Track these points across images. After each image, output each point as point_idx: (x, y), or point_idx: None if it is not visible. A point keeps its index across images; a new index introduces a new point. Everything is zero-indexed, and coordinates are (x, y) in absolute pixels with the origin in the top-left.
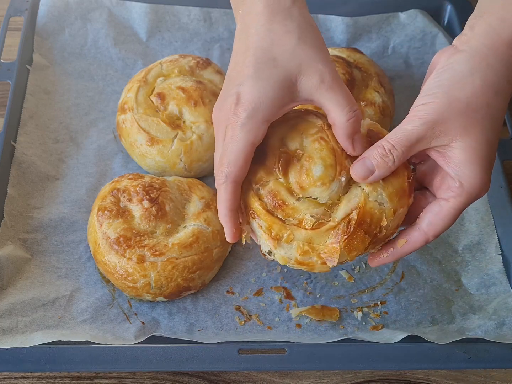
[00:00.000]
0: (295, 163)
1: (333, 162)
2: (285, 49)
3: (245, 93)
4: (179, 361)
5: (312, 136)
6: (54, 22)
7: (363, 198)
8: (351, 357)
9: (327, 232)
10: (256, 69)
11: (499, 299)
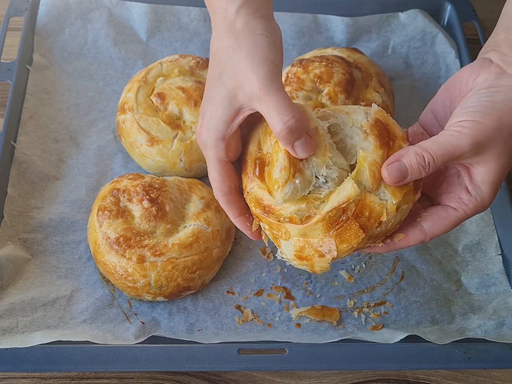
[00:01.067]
0: (266, 165)
1: (287, 164)
2: (226, 65)
3: (203, 114)
4: (179, 361)
5: (274, 137)
6: (54, 22)
7: (354, 191)
8: (351, 357)
9: (316, 225)
10: (208, 89)
11: (499, 299)
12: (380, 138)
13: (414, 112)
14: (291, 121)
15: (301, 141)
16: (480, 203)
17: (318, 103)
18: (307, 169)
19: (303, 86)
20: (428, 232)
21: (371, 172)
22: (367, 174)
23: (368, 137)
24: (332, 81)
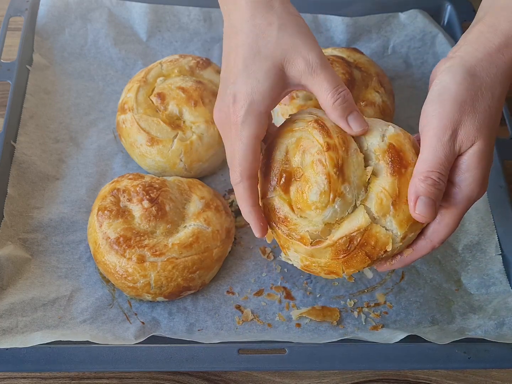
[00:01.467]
0: (295, 181)
1: (328, 189)
2: (268, 40)
3: (239, 91)
4: (179, 361)
5: (312, 156)
6: (54, 22)
7: (364, 221)
8: (351, 357)
9: (325, 249)
10: (244, 66)
11: (499, 299)
12: (392, 165)
13: (414, 112)
14: (344, 92)
15: (354, 115)
16: (468, 192)
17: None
18: (348, 193)
19: None
20: (433, 238)
21: (378, 199)
22: (374, 202)
23: (380, 162)
24: None
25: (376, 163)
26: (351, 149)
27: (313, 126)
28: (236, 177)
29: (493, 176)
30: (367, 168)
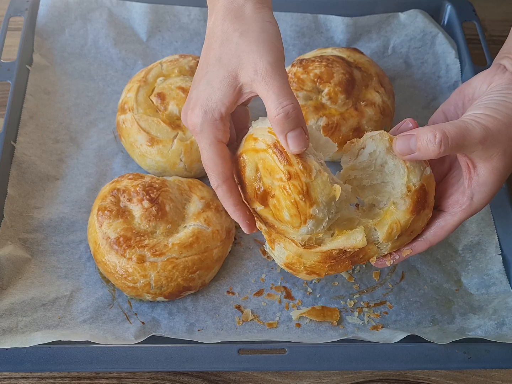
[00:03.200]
0: (271, 198)
1: (296, 213)
2: (229, 47)
3: (197, 97)
4: (179, 361)
5: (277, 181)
6: (54, 22)
7: (361, 243)
8: (351, 357)
9: (316, 253)
10: (206, 71)
11: (499, 299)
12: (416, 204)
13: (414, 112)
14: (289, 107)
15: (295, 133)
16: (477, 204)
17: (318, 103)
18: (319, 213)
19: (303, 86)
20: (432, 240)
21: (390, 229)
22: (384, 230)
23: (405, 198)
24: (332, 81)
25: (402, 197)
26: (314, 172)
27: (272, 151)
28: (213, 182)
29: None
30: (334, 186)
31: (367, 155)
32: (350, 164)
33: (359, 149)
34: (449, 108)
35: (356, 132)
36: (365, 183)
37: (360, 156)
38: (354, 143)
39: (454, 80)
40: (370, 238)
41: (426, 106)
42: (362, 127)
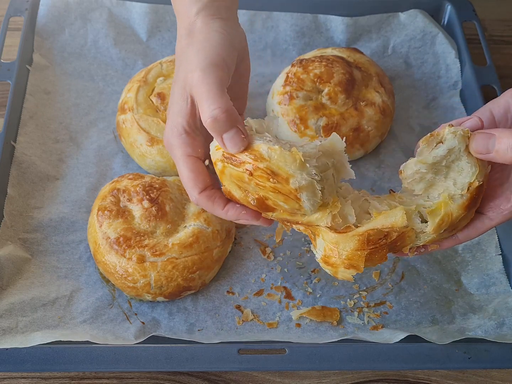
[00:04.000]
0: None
1: (285, 197)
2: (181, 61)
3: (168, 113)
4: (179, 361)
5: (251, 184)
6: (54, 22)
7: (401, 221)
8: (351, 357)
9: (353, 237)
10: (172, 87)
11: (499, 299)
12: (472, 201)
13: (414, 112)
14: (216, 111)
15: (229, 134)
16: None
17: (318, 103)
18: (301, 181)
19: (303, 86)
20: (461, 240)
21: (441, 220)
22: (435, 221)
23: (464, 192)
24: (332, 81)
25: (461, 191)
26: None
27: (226, 163)
28: (191, 196)
29: None
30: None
31: (445, 151)
32: (422, 157)
33: (437, 143)
34: (499, 110)
35: (356, 132)
36: (427, 179)
37: (437, 150)
38: (434, 136)
39: (454, 80)
40: (411, 222)
41: (426, 106)
42: (362, 127)
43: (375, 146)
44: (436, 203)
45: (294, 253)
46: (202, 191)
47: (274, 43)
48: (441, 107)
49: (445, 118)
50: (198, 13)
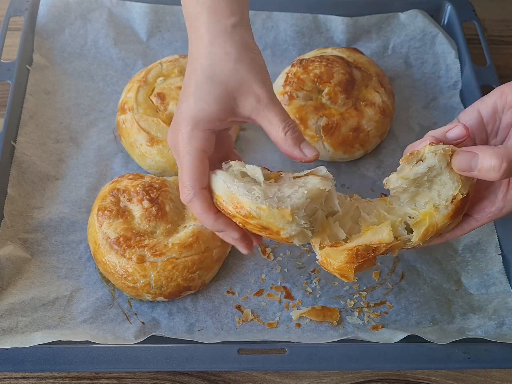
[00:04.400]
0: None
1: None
2: (224, 68)
3: (186, 110)
4: (179, 361)
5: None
6: (54, 22)
7: (388, 239)
8: (351, 357)
9: (342, 251)
10: (195, 88)
11: (499, 299)
12: (457, 211)
13: (414, 112)
14: (294, 123)
15: (305, 143)
16: (503, 215)
17: (318, 103)
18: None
19: (303, 86)
20: (448, 238)
21: (426, 231)
22: (420, 231)
23: (449, 204)
24: (332, 81)
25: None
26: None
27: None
28: (187, 192)
29: None
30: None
31: (425, 169)
32: (403, 173)
33: (418, 161)
34: (488, 110)
35: (356, 132)
36: (410, 190)
37: (417, 168)
38: (414, 155)
39: (454, 80)
40: (397, 234)
41: (426, 106)
42: (362, 127)
43: (375, 146)
44: (422, 213)
45: (294, 253)
46: (203, 188)
47: (274, 43)
48: (441, 107)
49: (445, 118)
50: (236, 26)
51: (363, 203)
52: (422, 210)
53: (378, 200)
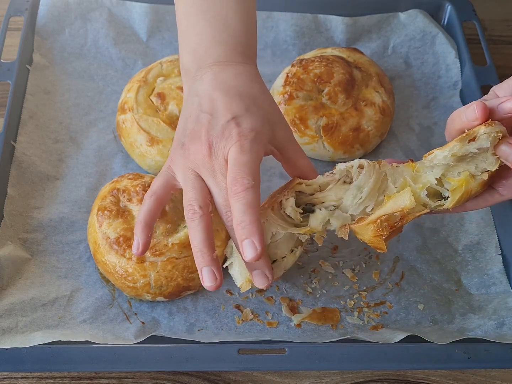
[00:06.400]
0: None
1: None
2: (265, 100)
3: (244, 122)
4: (179, 361)
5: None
6: (54, 22)
7: (409, 204)
8: (351, 357)
9: (368, 226)
10: (246, 106)
11: (499, 299)
12: (490, 178)
13: (414, 112)
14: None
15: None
16: None
17: (318, 103)
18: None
19: (303, 86)
20: (469, 208)
21: (461, 197)
22: (455, 197)
23: (484, 173)
24: (332, 81)
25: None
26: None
27: None
28: (247, 181)
29: None
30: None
31: (475, 150)
32: (452, 152)
33: (470, 140)
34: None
35: (356, 132)
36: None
37: (468, 147)
38: (468, 135)
39: (454, 80)
40: (419, 200)
41: (426, 106)
42: (362, 127)
43: (375, 146)
44: (458, 180)
45: None
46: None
47: (274, 43)
48: (441, 107)
49: (445, 118)
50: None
51: (391, 169)
52: (457, 178)
53: (405, 165)
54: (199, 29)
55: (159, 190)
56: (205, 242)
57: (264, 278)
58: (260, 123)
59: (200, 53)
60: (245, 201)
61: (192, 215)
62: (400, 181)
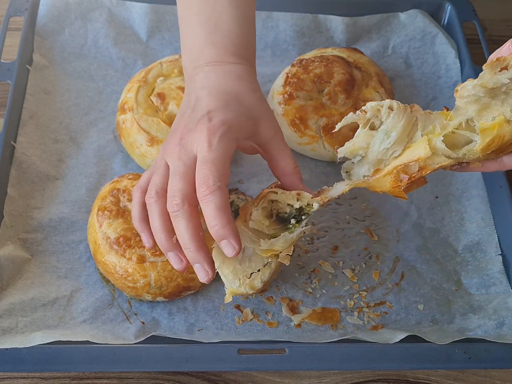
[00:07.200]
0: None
1: None
2: (251, 99)
3: (216, 116)
4: (179, 361)
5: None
6: (54, 22)
7: (425, 154)
8: (351, 357)
9: (385, 177)
10: (225, 102)
11: (499, 299)
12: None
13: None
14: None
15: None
16: None
17: (318, 103)
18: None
19: (303, 86)
20: (507, 164)
21: (491, 141)
22: (485, 140)
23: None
24: (332, 81)
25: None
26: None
27: None
28: (212, 182)
29: (493, 176)
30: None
31: (506, 80)
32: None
33: (502, 68)
34: None
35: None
36: (482, 102)
37: (499, 76)
38: (500, 61)
39: (454, 80)
40: (434, 149)
41: (426, 106)
42: None
43: None
44: (490, 123)
45: (294, 253)
46: (227, 186)
47: (274, 43)
48: (441, 107)
49: None
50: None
51: (423, 115)
52: (490, 122)
53: (439, 113)
54: (194, 30)
55: (143, 184)
56: (162, 226)
57: (203, 272)
58: (235, 117)
59: (195, 53)
60: (213, 204)
61: (149, 199)
62: (428, 129)
